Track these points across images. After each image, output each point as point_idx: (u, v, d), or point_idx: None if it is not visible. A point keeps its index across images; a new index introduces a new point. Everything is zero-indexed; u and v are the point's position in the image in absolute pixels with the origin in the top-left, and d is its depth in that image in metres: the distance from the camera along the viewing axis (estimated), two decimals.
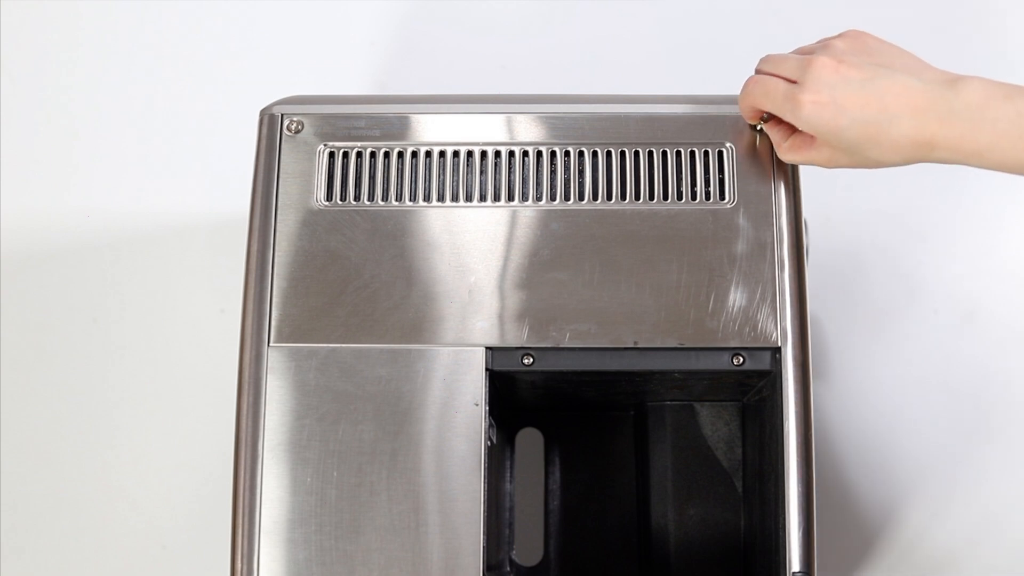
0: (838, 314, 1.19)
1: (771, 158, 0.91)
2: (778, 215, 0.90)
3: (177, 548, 1.16)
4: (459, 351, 0.88)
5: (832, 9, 1.31)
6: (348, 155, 0.92)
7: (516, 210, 0.90)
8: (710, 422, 1.04)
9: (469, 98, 0.95)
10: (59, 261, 1.24)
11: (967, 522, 1.14)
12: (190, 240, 1.24)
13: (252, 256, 0.90)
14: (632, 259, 0.89)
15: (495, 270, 0.89)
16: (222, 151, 1.26)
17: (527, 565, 1.06)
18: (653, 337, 0.88)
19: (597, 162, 0.91)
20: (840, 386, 1.18)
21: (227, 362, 0.92)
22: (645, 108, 0.93)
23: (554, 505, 1.07)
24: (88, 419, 1.20)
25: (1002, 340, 1.19)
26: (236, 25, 1.32)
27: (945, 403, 1.17)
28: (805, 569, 0.85)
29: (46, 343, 1.22)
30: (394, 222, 0.90)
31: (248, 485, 0.86)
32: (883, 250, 1.22)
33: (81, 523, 1.17)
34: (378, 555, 0.85)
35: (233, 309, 1.18)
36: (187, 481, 1.18)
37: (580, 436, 1.07)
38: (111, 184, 1.26)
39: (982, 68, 1.28)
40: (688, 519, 1.02)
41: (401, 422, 0.87)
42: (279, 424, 0.87)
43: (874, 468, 1.15)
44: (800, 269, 0.89)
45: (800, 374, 0.87)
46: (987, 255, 1.22)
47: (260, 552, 0.85)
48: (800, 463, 0.86)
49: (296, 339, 0.88)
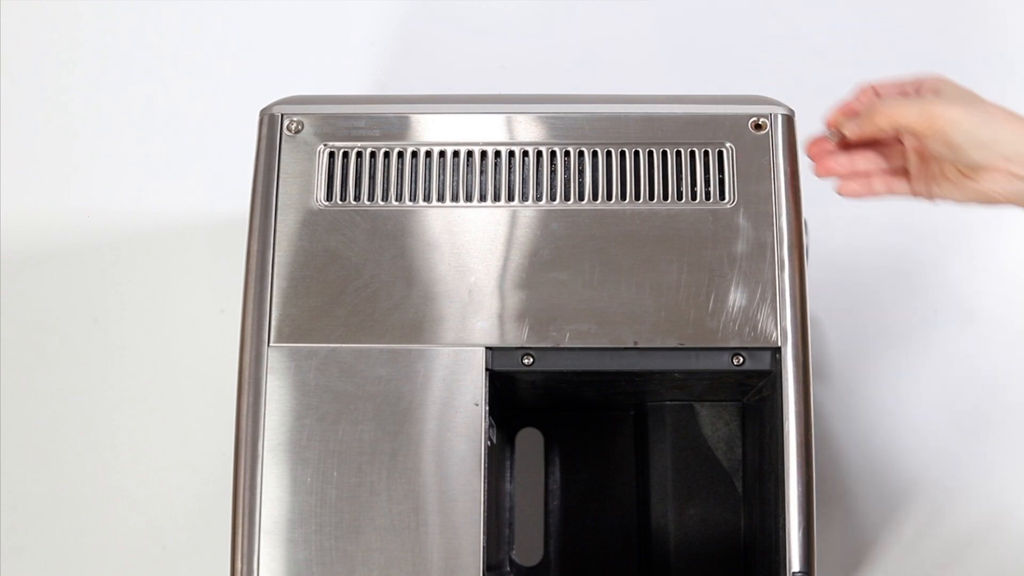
0: (838, 314, 1.19)
1: (771, 158, 0.91)
2: (778, 215, 0.90)
3: (177, 548, 1.16)
4: (459, 351, 0.88)
5: (832, 9, 1.31)
6: (348, 155, 0.92)
7: (516, 210, 0.90)
8: (710, 422, 1.04)
9: (469, 98, 0.95)
10: (59, 261, 1.24)
11: (967, 522, 1.14)
12: (190, 240, 1.24)
13: (252, 256, 0.90)
14: (632, 259, 0.89)
15: (495, 270, 0.89)
16: (222, 151, 1.26)
17: (527, 565, 1.06)
18: (653, 337, 0.88)
19: (597, 162, 0.91)
20: (840, 386, 1.18)
21: (227, 362, 0.92)
22: (645, 108, 0.93)
23: (554, 505, 1.06)
24: (88, 419, 1.20)
25: (1002, 340, 1.19)
26: (236, 25, 1.32)
27: (945, 403, 1.17)
28: (805, 569, 0.85)
29: (46, 343, 1.22)
30: (394, 222, 0.90)
31: (248, 485, 0.86)
32: (883, 250, 1.22)
33: (81, 523, 1.17)
34: (378, 555, 0.85)
35: (233, 309, 1.18)
36: (187, 481, 1.18)
37: (580, 436, 1.07)
38: (111, 184, 1.26)
39: (982, 68, 1.28)
40: (688, 519, 1.02)
41: (401, 422, 0.87)
42: (279, 424, 0.87)
43: (874, 468, 1.15)
44: (800, 269, 0.89)
45: (800, 374, 0.87)
46: (987, 255, 1.22)
47: (260, 552, 0.85)
48: (800, 463, 0.86)
49: (296, 339, 0.88)
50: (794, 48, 1.29)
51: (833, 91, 1.27)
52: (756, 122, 0.92)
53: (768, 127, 0.92)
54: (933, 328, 1.19)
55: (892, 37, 1.30)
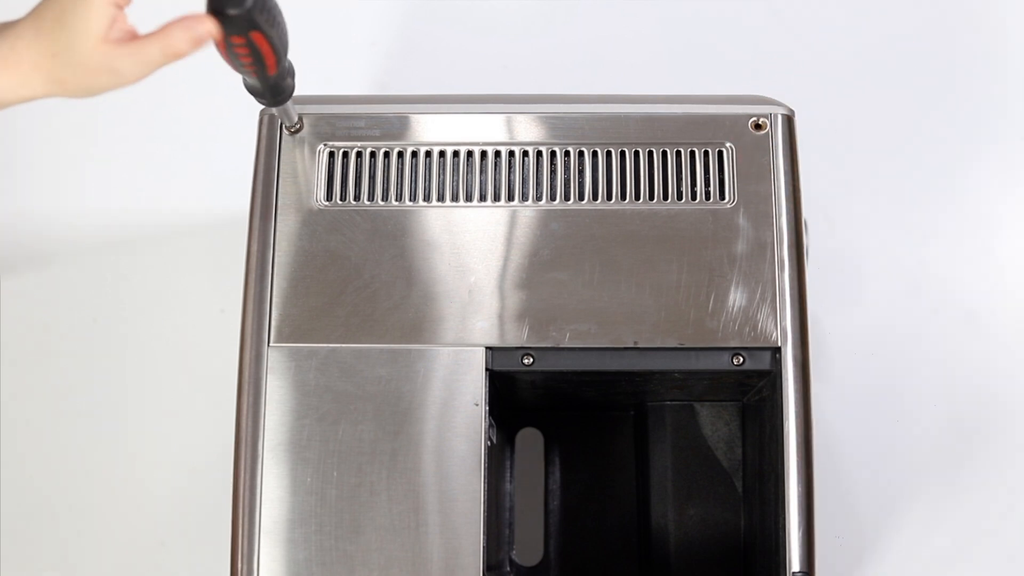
0: (838, 314, 1.19)
1: (771, 158, 0.91)
2: (778, 215, 0.90)
3: (177, 547, 1.16)
4: (459, 351, 0.88)
5: (832, 10, 1.31)
6: (348, 155, 0.92)
7: (516, 210, 0.90)
8: (710, 422, 1.04)
9: (469, 98, 0.95)
10: (59, 261, 1.24)
11: (967, 522, 1.14)
12: (190, 240, 1.24)
13: (252, 256, 0.90)
14: (632, 259, 0.89)
15: (495, 270, 0.89)
16: (222, 151, 1.26)
17: (527, 565, 1.06)
18: (653, 337, 0.88)
19: (597, 162, 0.91)
20: (840, 386, 1.18)
21: (227, 362, 0.92)
22: (645, 108, 0.93)
23: (554, 505, 1.06)
24: (88, 419, 1.20)
25: (1002, 340, 1.19)
26: None
27: (945, 403, 1.17)
28: (805, 569, 0.85)
29: (46, 343, 1.22)
30: (394, 222, 0.90)
31: (248, 485, 0.86)
32: (883, 250, 1.22)
33: (81, 523, 1.17)
34: (378, 555, 0.85)
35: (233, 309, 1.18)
36: (187, 481, 1.18)
37: (580, 436, 1.07)
38: (112, 184, 1.26)
39: (982, 68, 1.28)
40: (688, 519, 1.02)
41: (401, 422, 0.87)
42: (279, 424, 0.87)
43: (874, 468, 1.15)
44: (800, 269, 0.89)
45: (800, 374, 0.87)
46: (987, 255, 1.22)
47: (260, 552, 0.85)
48: (800, 463, 0.86)
49: (296, 339, 0.88)
50: (794, 48, 1.29)
51: (833, 91, 1.27)
52: (756, 122, 0.92)
53: (768, 127, 0.92)
54: (933, 328, 1.19)
55: (892, 37, 1.29)
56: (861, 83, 1.27)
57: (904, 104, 1.26)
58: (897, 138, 1.25)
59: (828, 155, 1.23)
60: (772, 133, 0.91)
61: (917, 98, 1.27)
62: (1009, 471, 1.16)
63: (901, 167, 1.24)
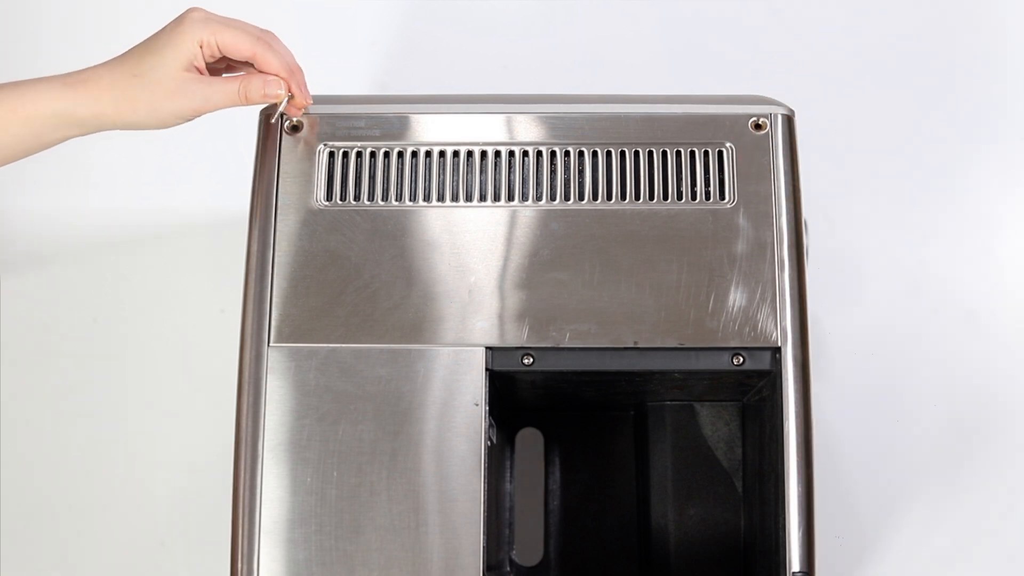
0: (838, 314, 1.19)
1: (771, 158, 0.91)
2: (778, 215, 0.90)
3: (177, 547, 1.16)
4: (459, 351, 0.88)
5: (832, 10, 1.31)
6: (348, 155, 0.92)
7: (516, 210, 0.90)
8: (710, 422, 1.04)
9: (469, 98, 0.95)
10: (59, 261, 1.24)
11: (967, 522, 1.14)
12: (190, 240, 1.24)
13: (252, 256, 0.90)
14: (632, 259, 0.89)
15: (495, 270, 0.89)
16: (222, 151, 1.26)
17: (527, 565, 1.06)
18: (653, 337, 0.88)
19: (597, 162, 0.91)
20: (840, 386, 1.18)
21: (227, 362, 0.92)
22: (645, 108, 0.93)
23: (554, 505, 1.06)
24: (88, 419, 1.20)
25: (1002, 340, 1.19)
26: None
27: (945, 403, 1.17)
28: (805, 569, 0.85)
29: (46, 343, 1.22)
30: (394, 222, 0.90)
31: (248, 485, 0.86)
32: (883, 250, 1.22)
33: (81, 523, 1.17)
34: (378, 555, 0.85)
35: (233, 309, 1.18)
36: (187, 481, 1.18)
37: (580, 436, 1.07)
38: (112, 184, 1.26)
39: (982, 68, 1.28)
40: (688, 519, 1.02)
41: (401, 422, 0.87)
42: (279, 424, 0.87)
43: (874, 468, 1.15)
44: (800, 269, 0.89)
45: (800, 374, 0.87)
46: (987, 255, 1.22)
47: (260, 552, 0.85)
48: (800, 463, 0.86)
49: (296, 339, 0.88)
50: (794, 48, 1.29)
51: (833, 91, 1.27)
52: (756, 122, 0.92)
53: (768, 127, 0.92)
54: (933, 328, 1.19)
55: (892, 37, 1.29)
56: (861, 83, 1.27)
57: (904, 104, 1.26)
58: (897, 138, 1.25)
59: (828, 155, 1.23)
60: (772, 133, 0.91)
61: (917, 98, 1.27)
62: (1009, 471, 1.16)
63: (901, 167, 1.24)
